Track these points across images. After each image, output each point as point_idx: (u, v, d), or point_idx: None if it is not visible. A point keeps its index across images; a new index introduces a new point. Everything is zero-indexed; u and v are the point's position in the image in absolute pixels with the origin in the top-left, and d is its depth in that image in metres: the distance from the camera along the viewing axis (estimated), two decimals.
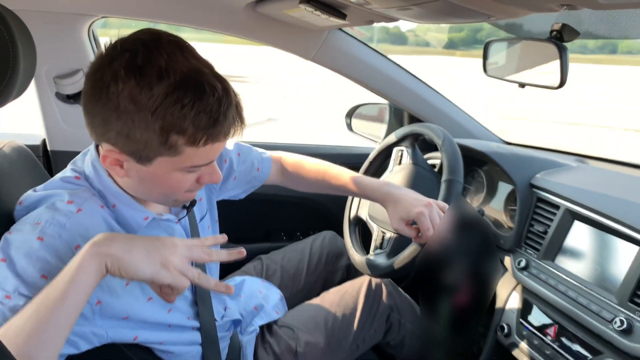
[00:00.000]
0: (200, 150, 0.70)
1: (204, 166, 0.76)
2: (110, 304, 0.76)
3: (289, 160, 1.23)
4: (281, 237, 1.85)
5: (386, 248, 1.20)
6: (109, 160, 0.72)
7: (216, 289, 0.72)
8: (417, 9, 0.89)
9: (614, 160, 1.45)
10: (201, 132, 0.68)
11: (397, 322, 1.24)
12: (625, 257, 0.93)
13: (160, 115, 0.65)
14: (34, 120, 1.55)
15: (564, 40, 1.04)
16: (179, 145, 0.69)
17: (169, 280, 0.67)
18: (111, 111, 0.67)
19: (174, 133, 0.67)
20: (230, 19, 1.44)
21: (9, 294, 0.64)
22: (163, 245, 0.69)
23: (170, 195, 0.79)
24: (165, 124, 0.66)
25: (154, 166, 0.72)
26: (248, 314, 1.17)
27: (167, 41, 0.68)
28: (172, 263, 0.67)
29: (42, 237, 0.69)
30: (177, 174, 0.74)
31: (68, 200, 0.75)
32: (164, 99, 0.65)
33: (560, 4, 0.68)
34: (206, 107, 0.67)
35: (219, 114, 0.68)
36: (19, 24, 0.71)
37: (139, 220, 0.81)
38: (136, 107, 0.65)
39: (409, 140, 1.31)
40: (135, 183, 0.77)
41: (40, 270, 0.67)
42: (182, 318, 0.91)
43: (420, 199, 1.03)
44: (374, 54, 1.59)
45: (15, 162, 0.95)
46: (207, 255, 0.72)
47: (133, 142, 0.68)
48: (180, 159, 0.71)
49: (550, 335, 1.03)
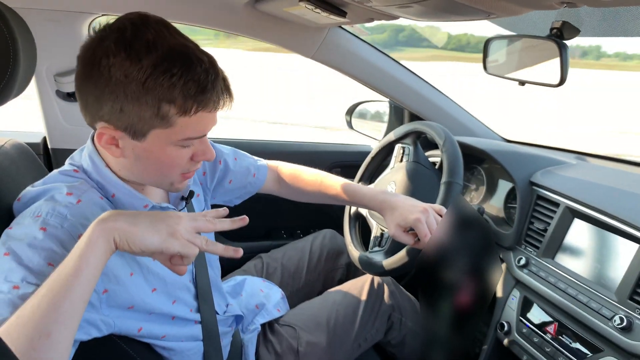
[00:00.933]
0: (192, 120, 0.72)
1: (197, 140, 0.77)
2: (116, 292, 0.76)
3: (285, 169, 1.23)
4: (281, 235, 1.85)
5: (384, 246, 1.20)
6: (105, 138, 0.74)
7: (225, 253, 0.72)
8: (417, 6, 0.89)
9: (614, 157, 1.45)
10: (190, 99, 0.70)
11: (399, 321, 1.24)
12: (625, 255, 0.94)
13: (150, 85, 0.68)
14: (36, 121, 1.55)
15: (564, 38, 1.04)
16: (170, 116, 0.71)
17: (178, 248, 0.67)
18: (103, 86, 0.69)
19: (165, 103, 0.69)
20: (230, 17, 1.44)
21: (17, 284, 0.64)
22: (168, 216, 0.70)
23: (167, 174, 0.80)
24: (156, 94, 0.68)
25: (148, 141, 0.73)
26: (249, 313, 1.17)
27: (155, 21, 0.71)
28: (179, 231, 0.68)
29: (44, 227, 0.70)
30: (171, 148, 0.75)
31: (67, 192, 0.76)
32: (153, 70, 0.67)
33: (560, 1, 0.68)
34: (194, 76, 0.69)
35: (207, 82, 0.70)
36: (20, 21, 0.71)
37: (139, 208, 0.82)
38: (127, 79, 0.68)
39: (411, 137, 1.31)
40: (132, 163, 0.78)
41: (47, 259, 0.67)
42: (185, 310, 0.91)
43: (417, 205, 1.03)
44: (374, 51, 1.58)
45: (16, 160, 0.95)
46: (211, 224, 0.73)
47: (126, 115, 0.70)
48: (173, 131, 0.73)
49: (550, 332, 1.03)
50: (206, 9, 1.43)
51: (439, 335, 1.08)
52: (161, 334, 0.87)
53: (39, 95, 1.49)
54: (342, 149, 1.90)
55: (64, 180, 0.79)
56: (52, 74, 1.45)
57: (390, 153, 1.38)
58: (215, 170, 1.10)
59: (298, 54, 1.55)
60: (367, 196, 1.12)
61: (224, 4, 1.41)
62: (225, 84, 0.75)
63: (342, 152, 1.89)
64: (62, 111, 1.51)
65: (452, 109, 1.67)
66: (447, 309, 1.05)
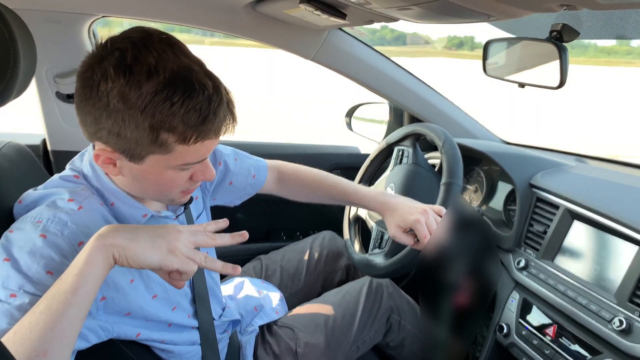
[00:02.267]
0: (191, 148, 0.70)
1: (196, 164, 0.76)
2: (115, 300, 0.76)
3: (286, 169, 1.23)
4: (281, 237, 1.85)
5: (384, 248, 1.20)
6: (102, 158, 0.73)
7: (223, 270, 0.72)
8: (417, 8, 0.89)
9: (614, 160, 1.45)
10: (191, 130, 0.68)
11: (397, 323, 1.24)
12: (624, 257, 0.93)
13: (150, 113, 0.65)
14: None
15: (563, 41, 1.04)
16: (169, 144, 0.69)
17: (177, 265, 0.67)
18: (101, 110, 0.67)
19: (163, 131, 0.67)
20: (230, 19, 1.44)
21: (14, 292, 0.64)
22: (167, 232, 0.69)
23: (165, 193, 0.79)
24: (155, 122, 0.66)
25: (146, 164, 0.72)
26: (248, 314, 1.17)
27: (158, 39, 0.68)
28: (178, 248, 0.67)
29: (44, 234, 0.69)
30: (170, 171, 0.74)
31: (69, 199, 0.75)
32: (153, 97, 0.65)
33: (560, 4, 0.68)
34: (196, 104, 0.66)
35: (209, 112, 0.68)
36: (20, 23, 0.71)
37: (138, 217, 0.81)
38: (126, 105, 0.65)
39: (410, 139, 1.31)
40: (130, 181, 0.77)
41: (45, 267, 0.67)
42: (184, 316, 0.91)
43: (417, 206, 1.04)
44: (374, 53, 1.59)
45: (16, 161, 0.95)
46: (211, 240, 0.72)
47: (124, 140, 0.69)
48: (172, 157, 0.71)
49: (550, 335, 1.03)
50: (206, 10, 1.43)
51: (438, 337, 1.07)
52: (160, 339, 0.87)
53: (39, 96, 1.49)
54: (341, 151, 1.90)
55: (65, 185, 0.79)
56: (52, 75, 1.45)
57: (389, 156, 1.38)
58: (215, 172, 1.10)
59: (298, 56, 1.55)
60: (367, 197, 1.12)
61: (224, 6, 1.41)
62: (229, 108, 0.72)
63: (341, 154, 1.89)
64: (62, 113, 1.51)
65: (451, 110, 1.67)
66: (446, 311, 1.05)
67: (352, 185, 1.17)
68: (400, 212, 1.03)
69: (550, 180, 1.18)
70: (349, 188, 1.16)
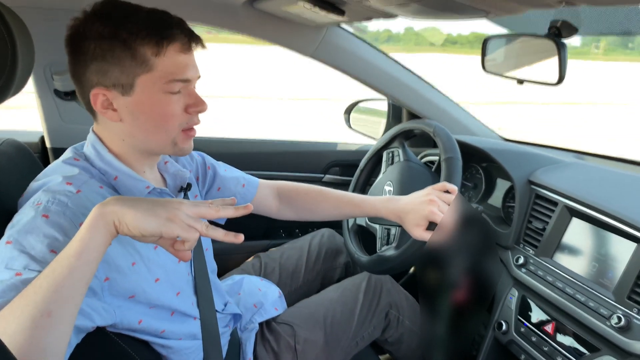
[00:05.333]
0: (169, 60, 0.77)
1: (182, 84, 0.80)
2: (118, 281, 0.77)
3: (285, 185, 1.23)
4: (280, 235, 1.85)
5: (393, 242, 1.20)
6: (100, 101, 0.78)
7: (226, 238, 0.71)
8: (416, 5, 0.89)
9: (612, 157, 1.45)
10: (159, 35, 0.76)
11: (396, 319, 1.24)
12: (623, 254, 0.93)
13: (120, 34, 0.75)
14: None
15: (562, 37, 1.04)
16: (148, 58, 0.76)
17: (177, 232, 0.67)
18: (88, 57, 0.76)
19: (136, 44, 0.75)
20: (229, 16, 1.44)
21: (19, 271, 0.65)
22: (169, 202, 0.70)
23: (166, 127, 0.82)
24: (126, 37, 0.75)
25: (137, 93, 0.78)
26: (247, 311, 1.17)
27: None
28: (178, 216, 0.68)
29: (47, 214, 0.71)
30: (160, 96, 0.79)
31: (67, 182, 0.77)
32: (123, 21, 0.75)
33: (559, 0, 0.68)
34: (157, 15, 0.78)
35: (171, 20, 0.78)
36: (17, 20, 0.71)
37: (141, 189, 0.84)
38: (103, 39, 0.75)
39: (398, 140, 1.33)
40: (131, 125, 0.81)
41: (49, 246, 0.68)
42: (188, 303, 0.92)
43: (423, 198, 1.04)
44: (373, 50, 1.58)
45: (14, 159, 0.95)
46: (214, 211, 0.72)
47: (109, 68, 0.76)
48: (156, 75, 0.77)
49: (548, 332, 1.03)
50: (205, 8, 1.42)
51: (437, 334, 1.08)
52: (160, 328, 0.87)
53: (37, 94, 1.49)
54: (340, 148, 1.90)
55: (63, 170, 0.81)
56: (50, 72, 1.45)
57: (379, 162, 1.38)
58: (206, 176, 1.12)
59: (297, 53, 1.55)
60: (377, 205, 1.12)
61: (222, 3, 1.41)
62: (187, 27, 0.80)
63: (340, 150, 1.89)
64: (60, 110, 1.51)
65: (450, 107, 1.67)
66: (446, 308, 1.05)
67: (357, 195, 1.18)
68: (413, 213, 1.04)
69: (549, 177, 1.18)
70: (355, 198, 1.16)
